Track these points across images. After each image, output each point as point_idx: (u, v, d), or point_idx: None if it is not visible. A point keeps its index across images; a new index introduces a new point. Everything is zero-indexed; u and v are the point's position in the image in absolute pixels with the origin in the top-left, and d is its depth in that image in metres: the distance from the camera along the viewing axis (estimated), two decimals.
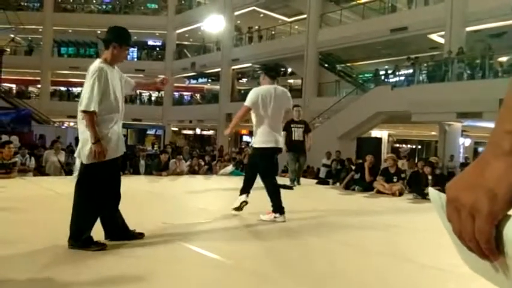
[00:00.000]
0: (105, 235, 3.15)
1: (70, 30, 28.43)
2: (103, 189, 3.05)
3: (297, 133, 7.87)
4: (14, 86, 30.95)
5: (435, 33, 15.86)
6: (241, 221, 4.53)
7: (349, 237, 3.87)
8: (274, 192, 4.36)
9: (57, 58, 28.61)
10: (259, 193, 4.54)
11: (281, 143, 4.61)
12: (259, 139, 4.45)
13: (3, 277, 2.33)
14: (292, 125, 7.79)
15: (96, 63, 3.11)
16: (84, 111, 2.97)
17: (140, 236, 3.31)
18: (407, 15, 16.44)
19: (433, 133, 19.94)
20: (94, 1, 32.03)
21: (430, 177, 7.36)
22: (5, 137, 10.83)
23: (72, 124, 28.40)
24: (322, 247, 3.48)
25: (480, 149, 25.57)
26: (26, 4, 30.04)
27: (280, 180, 8.67)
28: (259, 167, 4.49)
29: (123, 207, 3.22)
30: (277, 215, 4.30)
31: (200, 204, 4.79)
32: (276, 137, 4.48)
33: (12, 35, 22.91)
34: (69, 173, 8.61)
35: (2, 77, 20.88)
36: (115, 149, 3.12)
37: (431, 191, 0.60)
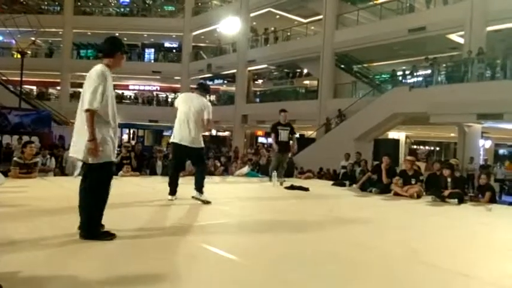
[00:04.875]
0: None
1: (89, 33, 28.92)
2: (105, 186, 3.22)
3: (283, 135, 8.55)
4: (34, 87, 31.62)
5: (454, 33, 15.60)
6: (258, 221, 4.54)
7: (370, 240, 3.83)
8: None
9: (77, 60, 29.13)
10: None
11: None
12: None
13: (28, 274, 2.39)
14: (279, 127, 8.57)
15: (99, 67, 3.19)
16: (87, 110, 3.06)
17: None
18: (426, 15, 16.21)
19: (452, 134, 19.59)
20: (112, 4, 32.53)
21: (449, 179, 7.22)
22: (25, 138, 11.05)
23: None
24: (341, 249, 3.45)
25: (501, 151, 25.01)
26: (46, 7, 30.73)
27: (297, 181, 8.72)
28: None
29: (142, 207, 3.24)
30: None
31: (217, 204, 4.81)
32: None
33: (33, 38, 23.40)
34: None
35: (23, 79, 21.34)
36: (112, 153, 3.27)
37: None
